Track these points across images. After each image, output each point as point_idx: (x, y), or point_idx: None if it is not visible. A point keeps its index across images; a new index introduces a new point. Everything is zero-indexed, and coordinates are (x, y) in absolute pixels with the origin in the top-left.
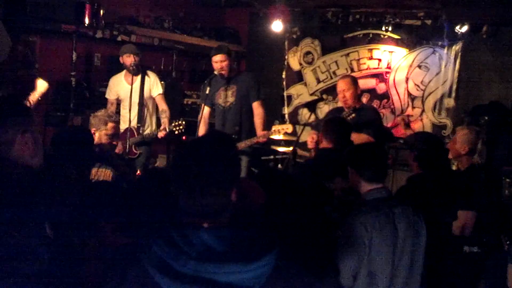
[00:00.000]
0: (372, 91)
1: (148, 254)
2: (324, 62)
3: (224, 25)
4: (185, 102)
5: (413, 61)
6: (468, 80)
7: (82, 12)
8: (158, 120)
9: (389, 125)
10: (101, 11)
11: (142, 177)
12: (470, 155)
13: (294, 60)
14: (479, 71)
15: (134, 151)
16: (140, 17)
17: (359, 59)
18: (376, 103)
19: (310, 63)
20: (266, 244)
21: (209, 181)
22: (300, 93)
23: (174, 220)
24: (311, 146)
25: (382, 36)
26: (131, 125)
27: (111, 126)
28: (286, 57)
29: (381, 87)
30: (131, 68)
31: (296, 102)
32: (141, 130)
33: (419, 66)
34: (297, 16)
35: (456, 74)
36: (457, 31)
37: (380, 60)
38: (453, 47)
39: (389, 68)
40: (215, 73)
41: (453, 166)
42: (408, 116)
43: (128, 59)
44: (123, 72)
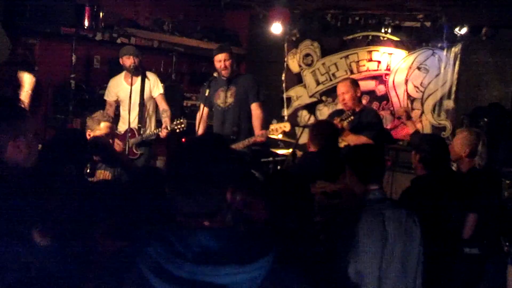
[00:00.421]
0: (371, 93)
1: (143, 257)
2: (323, 64)
3: (224, 27)
4: (185, 104)
5: (412, 63)
6: (468, 82)
7: (81, 15)
8: (158, 121)
9: (389, 127)
10: (101, 14)
11: (134, 178)
12: (471, 157)
13: (293, 62)
14: (479, 72)
15: (135, 151)
16: (139, 19)
17: (358, 61)
18: (375, 105)
19: (309, 65)
20: (262, 247)
21: (204, 181)
22: (299, 95)
23: (169, 222)
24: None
25: (381, 38)
26: (132, 126)
27: (105, 126)
28: (285, 59)
29: (381, 89)
30: (131, 69)
31: (295, 104)
32: (141, 131)
33: (419, 68)
34: (296, 18)
35: (455, 76)
36: (456, 33)
37: (379, 62)
38: (453, 49)
39: (389, 70)
40: (215, 75)
41: (453, 168)
42: (406, 108)
43: (128, 60)
44: (123, 73)
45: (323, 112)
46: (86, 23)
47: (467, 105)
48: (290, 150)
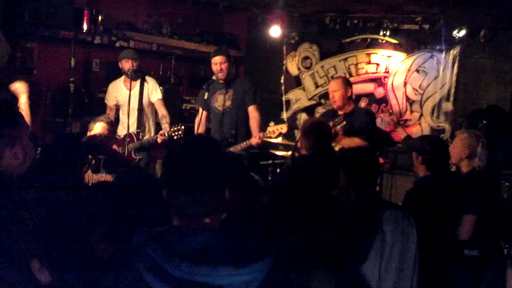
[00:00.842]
0: (370, 95)
1: (141, 257)
2: (322, 67)
3: (222, 31)
4: (183, 108)
5: (411, 65)
6: (466, 84)
7: (80, 18)
8: (157, 125)
9: (388, 129)
10: (99, 17)
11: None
12: (471, 159)
13: (292, 65)
14: (477, 75)
15: (134, 156)
16: (138, 22)
17: (357, 64)
18: (374, 107)
19: (308, 68)
20: (260, 251)
21: (202, 182)
22: (298, 98)
23: (166, 222)
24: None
25: (380, 40)
26: (130, 130)
27: (100, 126)
28: (284, 62)
29: (379, 92)
30: (129, 73)
31: (294, 106)
32: (140, 136)
33: (417, 71)
34: (295, 21)
35: (454, 78)
36: (455, 36)
37: (378, 64)
38: (451, 52)
39: (387, 72)
40: (213, 78)
41: (453, 170)
42: (399, 118)
43: (126, 64)
44: (122, 77)
45: None
46: (85, 27)
47: (466, 108)
48: (289, 153)
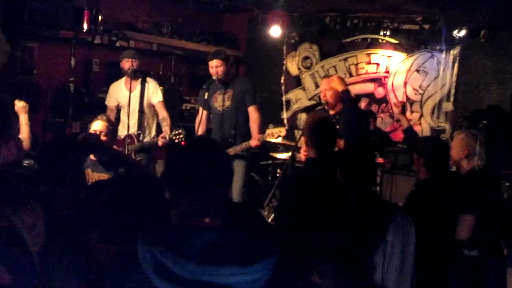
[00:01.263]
0: (370, 95)
1: (146, 258)
2: (322, 66)
3: (222, 30)
4: (183, 108)
5: (411, 65)
6: (467, 84)
7: (80, 18)
8: (158, 126)
9: (388, 129)
10: (100, 17)
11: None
12: (470, 159)
13: (292, 65)
14: (477, 75)
15: (133, 157)
16: (138, 22)
17: (357, 64)
18: (374, 107)
19: (308, 68)
20: (265, 249)
21: (205, 183)
22: (298, 98)
23: (167, 222)
24: (304, 159)
25: (380, 40)
26: (131, 131)
27: (98, 124)
28: (284, 62)
29: (380, 92)
30: (129, 73)
31: (294, 106)
32: (141, 137)
33: (417, 71)
34: (295, 21)
35: (454, 78)
36: (455, 36)
37: (378, 64)
38: (451, 52)
39: (388, 72)
40: (213, 77)
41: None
42: (403, 102)
43: (127, 64)
44: (123, 78)
45: None
46: (85, 27)
47: (466, 108)
48: (290, 153)
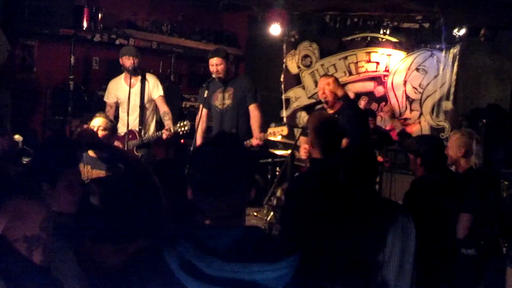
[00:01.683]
0: (370, 94)
1: (173, 255)
2: (322, 65)
3: (222, 29)
4: (183, 106)
5: (411, 64)
6: (466, 83)
7: (80, 16)
8: (157, 123)
9: (387, 128)
10: (99, 15)
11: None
12: (467, 158)
13: (292, 64)
14: (477, 74)
15: (135, 153)
16: (138, 20)
17: (357, 62)
18: (374, 106)
19: (308, 66)
20: (289, 247)
21: (229, 185)
22: (298, 96)
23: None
24: (305, 156)
25: (380, 39)
26: (132, 128)
27: (98, 120)
28: (284, 60)
29: (379, 90)
30: (130, 70)
31: (294, 105)
32: (142, 133)
33: (417, 69)
34: (295, 20)
35: (454, 77)
36: (455, 34)
37: (378, 63)
38: (451, 50)
39: (387, 71)
40: (213, 76)
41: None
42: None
43: (127, 61)
44: (123, 75)
45: None
46: (85, 25)
47: (465, 106)
48: (289, 151)
